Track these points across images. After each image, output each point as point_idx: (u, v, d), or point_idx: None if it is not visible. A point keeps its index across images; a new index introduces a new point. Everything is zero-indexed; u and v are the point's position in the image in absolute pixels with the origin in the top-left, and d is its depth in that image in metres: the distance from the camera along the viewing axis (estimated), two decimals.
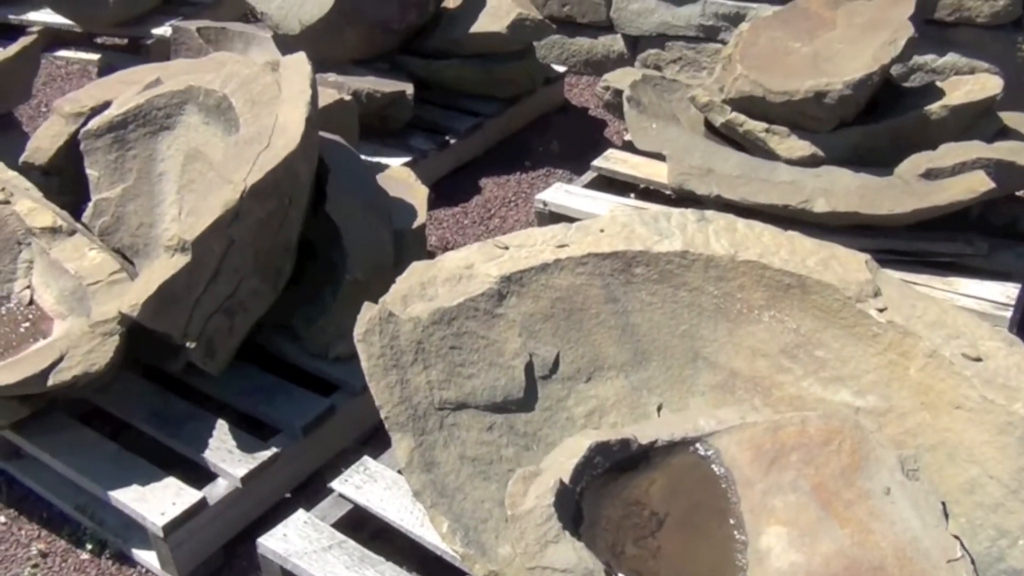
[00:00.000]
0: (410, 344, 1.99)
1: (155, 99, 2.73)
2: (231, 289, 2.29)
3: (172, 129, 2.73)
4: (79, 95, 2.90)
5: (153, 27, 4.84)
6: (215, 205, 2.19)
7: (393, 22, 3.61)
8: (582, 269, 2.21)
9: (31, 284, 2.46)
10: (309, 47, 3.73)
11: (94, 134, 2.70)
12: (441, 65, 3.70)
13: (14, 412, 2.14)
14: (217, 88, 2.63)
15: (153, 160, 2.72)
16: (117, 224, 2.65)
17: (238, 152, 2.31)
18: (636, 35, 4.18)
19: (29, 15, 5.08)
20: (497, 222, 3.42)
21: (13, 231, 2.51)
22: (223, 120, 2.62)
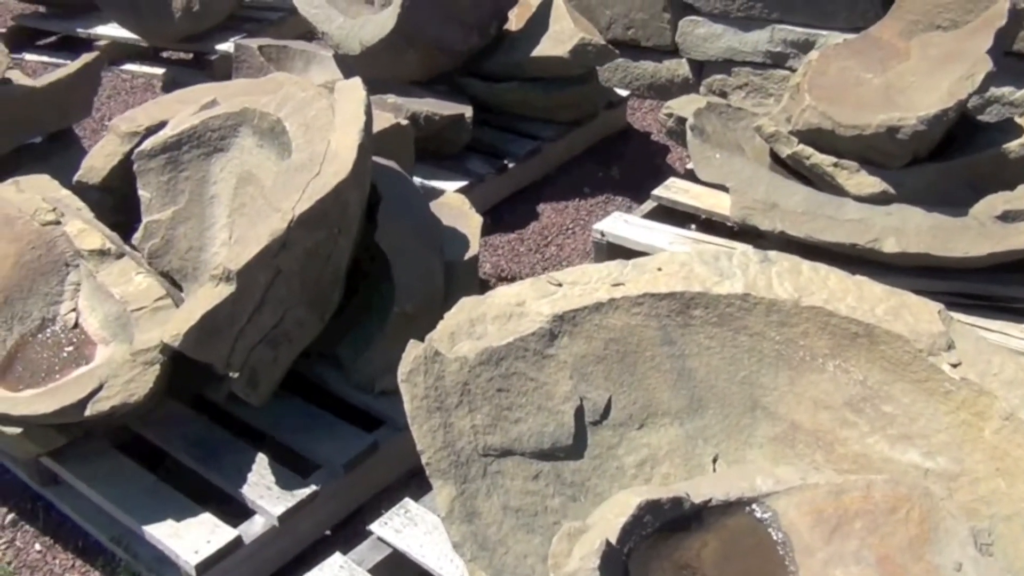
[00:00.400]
0: (455, 385, 1.92)
1: (210, 120, 2.71)
2: (276, 319, 2.24)
3: (226, 151, 2.70)
4: (135, 114, 2.88)
5: (217, 43, 4.86)
6: (262, 234, 2.14)
7: (455, 44, 3.55)
8: (638, 309, 2.12)
9: (77, 307, 2.44)
10: (369, 68, 3.70)
11: (147, 155, 2.68)
12: (501, 88, 3.64)
13: (51, 440, 2.11)
14: (272, 111, 2.59)
15: (205, 182, 2.69)
16: (167, 247, 2.62)
17: (288, 179, 2.26)
18: (702, 60, 4.07)
19: (97, 29, 5.14)
20: (554, 250, 3.34)
21: (62, 252, 2.49)
22: (277, 144, 2.58)
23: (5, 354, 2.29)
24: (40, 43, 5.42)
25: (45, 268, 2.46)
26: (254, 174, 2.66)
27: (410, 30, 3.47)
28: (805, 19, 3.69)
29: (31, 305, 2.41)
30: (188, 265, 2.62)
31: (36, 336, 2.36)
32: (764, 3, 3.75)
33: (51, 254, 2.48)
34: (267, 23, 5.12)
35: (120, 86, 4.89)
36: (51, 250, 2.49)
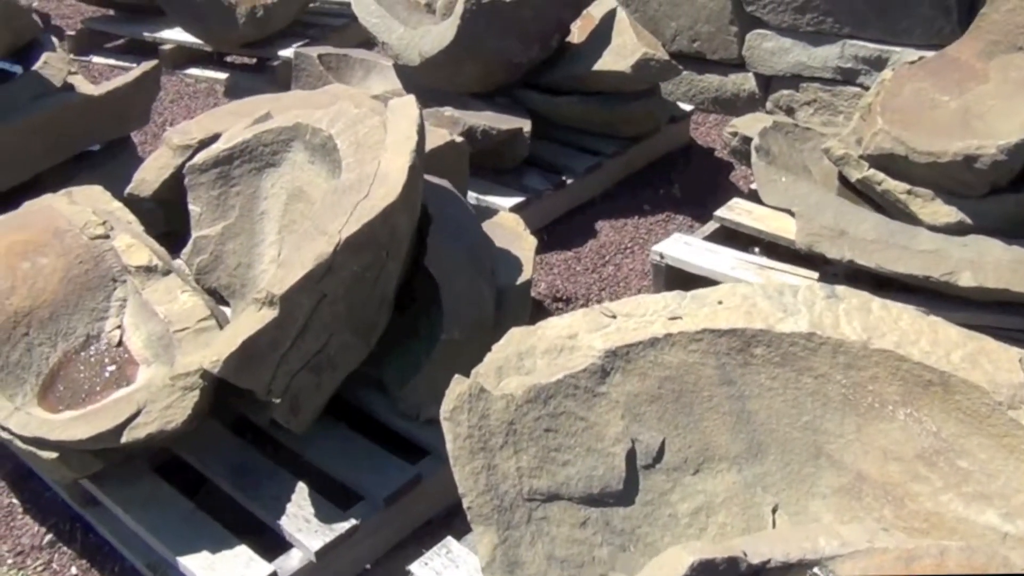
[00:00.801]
0: (501, 425, 1.83)
1: (263, 135, 2.66)
2: (320, 345, 2.18)
3: (277, 166, 2.65)
4: (189, 126, 2.85)
5: (280, 49, 4.84)
6: (307, 258, 2.08)
7: (515, 57, 3.47)
8: (696, 346, 2.01)
9: (122, 324, 2.40)
10: (428, 79, 3.64)
11: (199, 169, 2.64)
12: (561, 101, 3.55)
13: (87, 466, 2.07)
14: (324, 127, 2.54)
15: (256, 198, 2.64)
16: (215, 263, 2.58)
17: (335, 200, 2.20)
18: (769, 74, 3.93)
19: (163, 33, 5.16)
20: (611, 270, 3.24)
21: (109, 267, 2.46)
22: (328, 161, 2.52)
23: (48, 372, 2.26)
24: (108, 46, 5.47)
25: (92, 283, 2.43)
26: (305, 191, 2.60)
27: (470, 42, 3.40)
28: (878, 35, 3.54)
29: (76, 321, 2.38)
30: (236, 282, 2.57)
31: (79, 354, 2.33)
32: (835, 17, 3.61)
33: (98, 269, 2.45)
34: (329, 29, 5.09)
35: (183, 91, 4.90)
36: (99, 265, 2.46)
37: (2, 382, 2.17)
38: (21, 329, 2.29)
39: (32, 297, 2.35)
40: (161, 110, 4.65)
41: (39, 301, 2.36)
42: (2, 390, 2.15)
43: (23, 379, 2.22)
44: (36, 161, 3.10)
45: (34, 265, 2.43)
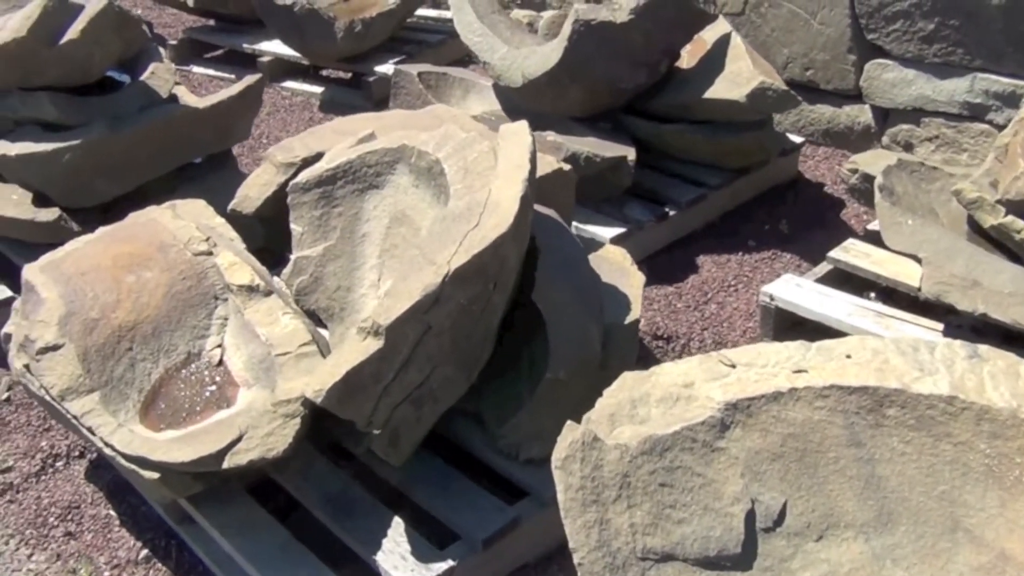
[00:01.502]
0: (614, 477, 1.74)
1: (367, 155, 2.61)
2: (422, 377, 2.10)
3: (380, 189, 2.60)
4: (292, 143, 2.82)
5: (376, 64, 4.82)
6: (414, 288, 2.01)
7: (621, 81, 3.38)
8: (822, 403, 1.88)
9: (223, 343, 2.36)
10: (530, 101, 3.57)
11: (302, 188, 2.60)
12: (667, 129, 3.44)
13: (187, 487, 2.02)
14: (430, 150, 2.47)
15: (358, 220, 2.59)
16: (315, 285, 2.53)
17: (444, 229, 2.13)
18: (887, 107, 3.77)
19: (262, 44, 5.18)
20: (714, 308, 3.12)
21: (212, 284, 2.42)
22: (433, 185, 2.46)
23: (149, 389, 2.23)
24: (207, 56, 5.52)
25: (194, 300, 2.40)
26: (408, 215, 2.54)
27: (576, 65, 3.31)
28: (1014, 68, 3.35)
29: (178, 338, 2.34)
30: (335, 305, 2.52)
31: (180, 371, 2.30)
32: (966, 49, 3.43)
33: (201, 286, 2.42)
34: (426, 46, 5.06)
35: (279, 103, 4.91)
36: (201, 281, 2.42)
37: (106, 397, 2.14)
38: (125, 344, 2.26)
39: (136, 311, 2.33)
40: (257, 122, 4.65)
41: (143, 316, 2.33)
42: (106, 405, 2.12)
43: (126, 395, 2.18)
44: (141, 172, 3.10)
45: (139, 279, 2.40)
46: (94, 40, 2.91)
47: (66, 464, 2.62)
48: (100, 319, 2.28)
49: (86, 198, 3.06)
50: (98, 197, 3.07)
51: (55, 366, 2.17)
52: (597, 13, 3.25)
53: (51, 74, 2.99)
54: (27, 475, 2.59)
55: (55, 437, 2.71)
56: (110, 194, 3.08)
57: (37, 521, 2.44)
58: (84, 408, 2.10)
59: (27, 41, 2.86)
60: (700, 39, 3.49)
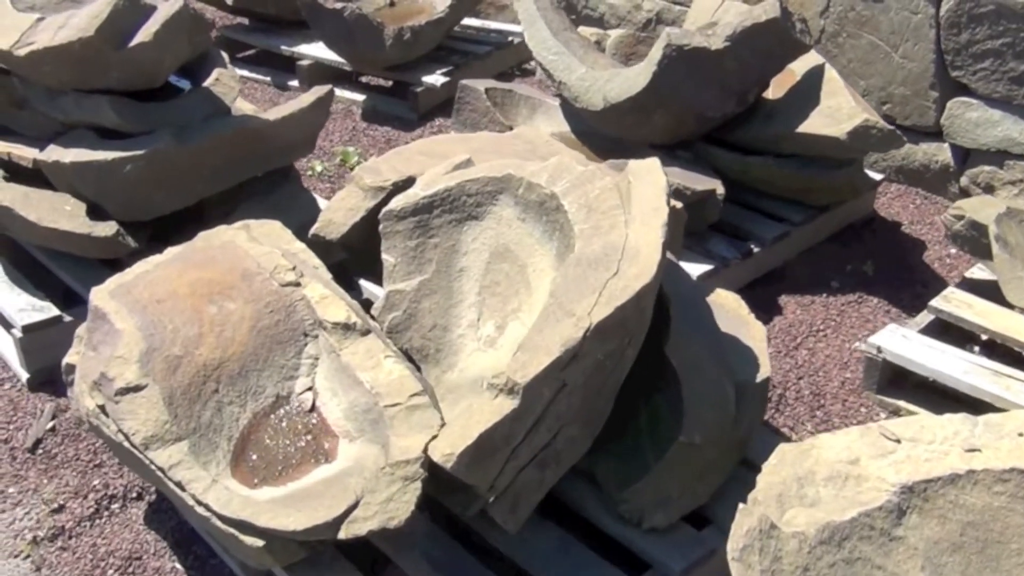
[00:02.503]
0: (795, 570, 1.57)
1: (467, 183, 2.42)
2: (549, 438, 1.92)
3: (480, 220, 2.41)
4: (379, 166, 2.62)
5: (424, 74, 4.62)
6: (552, 342, 1.83)
7: (709, 110, 3.21)
8: (1002, 488, 1.72)
9: (314, 386, 2.16)
10: (608, 126, 3.39)
11: (396, 216, 2.40)
12: (753, 162, 3.27)
13: (292, 554, 1.83)
14: (543, 183, 2.29)
15: (455, 252, 2.40)
16: (409, 322, 2.34)
17: (580, 275, 1.94)
18: (969, 147, 3.62)
19: (301, 47, 4.97)
20: (805, 355, 2.95)
21: (301, 319, 2.22)
22: (545, 221, 2.27)
23: (238, 436, 2.03)
24: (240, 55, 5.30)
25: (283, 336, 2.20)
26: (511, 250, 2.36)
27: (664, 91, 3.14)
28: None
29: (265, 379, 2.14)
30: (430, 345, 2.32)
31: (269, 417, 2.10)
32: None
33: (289, 321, 2.22)
34: (473, 57, 4.87)
35: None
36: (290, 316, 2.22)
37: (195, 446, 1.94)
38: (211, 385, 2.06)
39: (221, 348, 2.12)
40: None
41: (228, 353, 2.13)
42: (195, 456, 1.92)
43: (215, 443, 1.98)
44: (203, 186, 2.89)
45: (221, 310, 2.20)
46: (165, 44, 2.69)
47: (123, 507, 2.41)
48: (184, 356, 2.08)
49: (143, 211, 2.85)
50: (156, 211, 2.86)
51: (138, 410, 1.96)
52: (691, 38, 3.08)
53: (113, 77, 2.78)
54: (80, 518, 2.37)
55: (108, 474, 2.49)
56: (168, 208, 2.87)
57: (95, 573, 2.23)
58: (172, 459, 1.90)
59: (93, 41, 2.64)
60: (789, 69, 3.32)
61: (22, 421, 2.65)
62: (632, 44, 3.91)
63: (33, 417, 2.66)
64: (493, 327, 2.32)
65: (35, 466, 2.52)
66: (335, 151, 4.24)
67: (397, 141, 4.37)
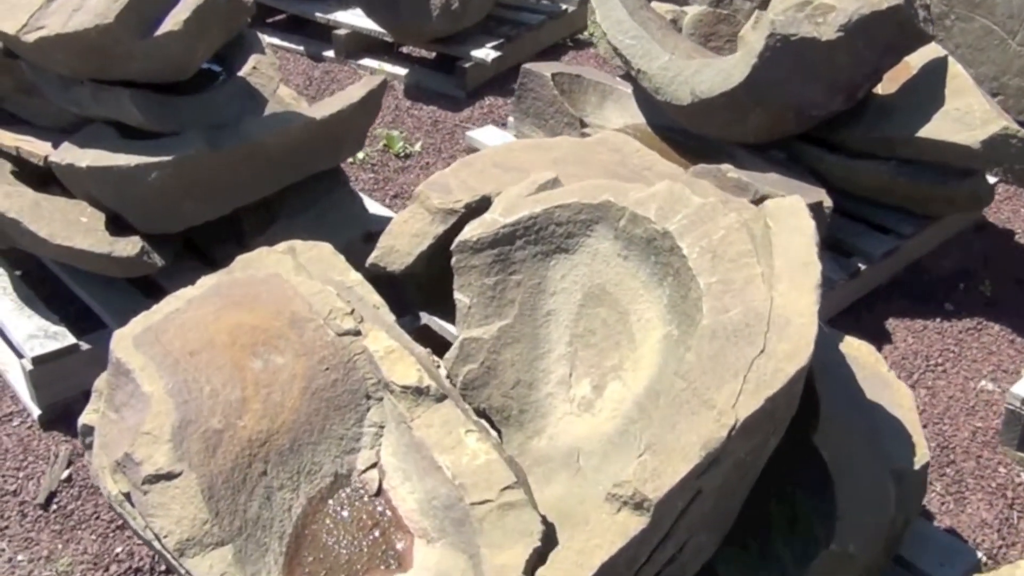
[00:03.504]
0: None
1: (556, 210, 2.04)
2: (676, 550, 1.56)
3: (571, 253, 2.03)
4: (447, 180, 2.24)
5: (473, 48, 4.21)
6: (689, 446, 1.46)
7: (814, 108, 2.80)
8: None
9: (380, 461, 1.81)
10: (694, 122, 2.99)
11: (473, 247, 2.03)
12: (861, 167, 2.88)
13: None
14: (653, 216, 1.90)
15: (541, 292, 2.03)
16: (487, 376, 1.98)
17: (718, 352, 1.57)
18: None
19: (336, 15, 4.56)
20: (924, 395, 2.58)
21: (362, 379, 1.86)
22: (653, 263, 1.90)
23: (292, 532, 1.68)
24: (269, 20, 4.89)
25: (341, 400, 1.84)
26: (609, 293, 1.99)
27: (764, 86, 2.74)
28: None
29: (322, 454, 1.79)
30: (513, 405, 1.97)
31: (327, 502, 1.74)
32: None
33: (348, 380, 1.86)
34: (525, 28, 4.45)
35: None
36: (349, 374, 1.86)
37: (241, 551, 1.59)
38: (258, 466, 1.71)
39: (269, 416, 1.77)
40: None
41: (277, 423, 1.77)
42: (241, 564, 1.57)
43: (265, 545, 1.63)
44: (240, 194, 2.51)
45: (267, 366, 1.84)
46: (197, 33, 2.30)
47: None
48: (225, 430, 1.72)
49: (170, 223, 2.48)
50: (185, 222, 2.49)
51: (171, 504, 1.61)
52: (798, 27, 2.66)
53: (136, 68, 2.39)
54: None
55: (133, 539, 2.16)
56: (199, 219, 2.50)
57: None
58: (214, 570, 1.55)
59: (113, 29, 2.25)
60: (905, 62, 2.90)
61: (34, 467, 2.31)
62: (712, 23, 3.49)
63: (46, 462, 2.32)
64: (589, 386, 1.96)
65: (48, 527, 2.18)
66: (377, 134, 3.84)
67: (444, 123, 3.98)
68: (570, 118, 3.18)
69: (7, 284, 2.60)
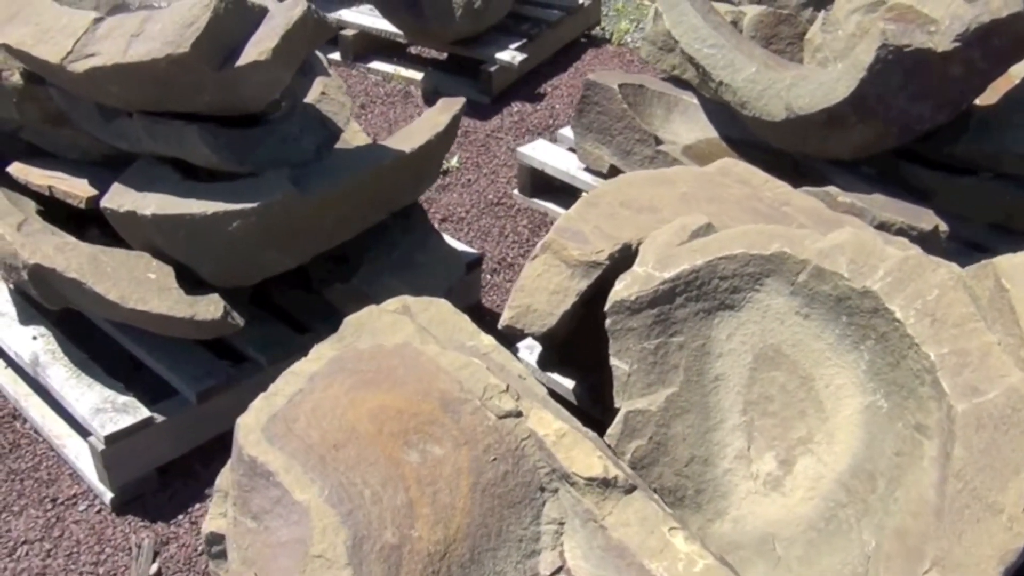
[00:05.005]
0: None
1: (720, 263, 1.83)
2: None
3: (736, 310, 1.83)
4: (580, 227, 2.01)
5: (496, 49, 3.96)
6: (983, 557, 1.27)
7: (919, 122, 2.63)
8: None
9: (566, 565, 1.59)
10: (785, 138, 2.80)
11: (630, 308, 1.81)
12: (965, 184, 2.72)
13: None
14: (844, 271, 1.71)
15: (707, 355, 1.82)
16: (657, 453, 1.77)
17: (990, 446, 1.38)
18: None
19: (341, 13, 4.26)
20: None
21: (534, 467, 1.63)
22: (846, 323, 1.71)
23: None
24: None
25: (514, 495, 1.61)
26: (786, 355, 1.79)
27: (871, 101, 2.56)
28: None
29: (503, 560, 1.56)
30: (688, 485, 1.76)
31: None
32: None
33: (519, 472, 1.63)
34: (545, 25, 4.21)
35: (372, 92, 4.01)
36: (519, 465, 1.63)
37: None
38: None
39: (443, 522, 1.53)
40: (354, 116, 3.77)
41: (452, 529, 1.53)
42: None
43: None
44: (323, 240, 2.24)
45: (425, 458, 1.60)
46: (285, 61, 2.02)
47: None
48: (402, 546, 1.48)
49: (248, 275, 2.21)
50: (263, 273, 2.22)
51: None
52: (911, 37, 2.48)
53: (204, 101, 2.11)
54: None
55: None
56: (279, 269, 2.23)
57: None
58: None
59: (188, 60, 1.96)
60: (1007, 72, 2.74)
61: (113, 561, 2.03)
62: (772, 24, 3.29)
63: (126, 554, 2.05)
64: (774, 461, 1.76)
65: None
66: None
67: (475, 133, 3.73)
68: (641, 134, 2.96)
69: (55, 347, 2.30)
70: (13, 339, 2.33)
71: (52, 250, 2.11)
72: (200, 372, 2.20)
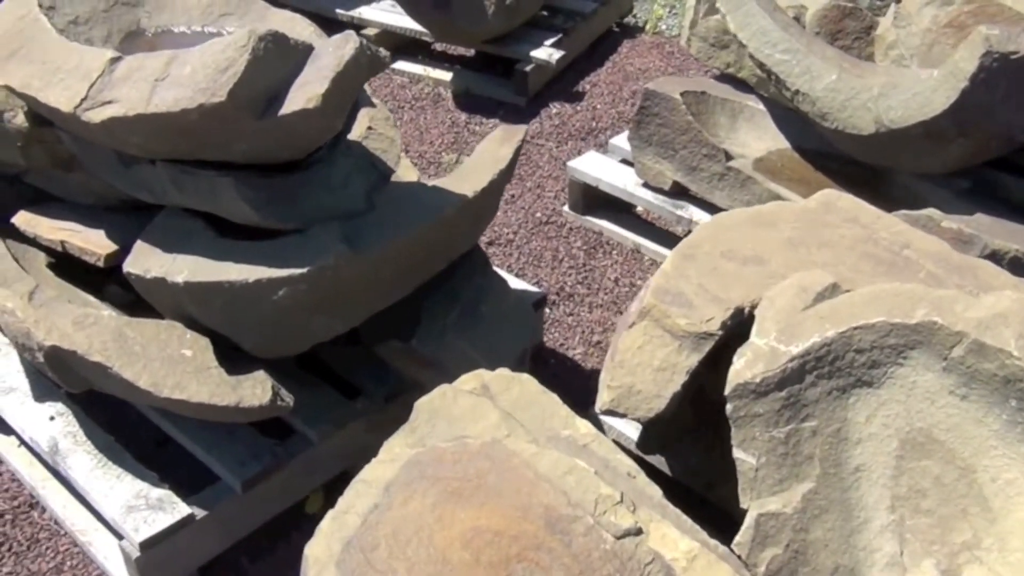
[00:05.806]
0: None
1: (855, 334, 1.58)
2: None
3: (875, 387, 1.58)
4: (679, 286, 1.74)
5: (531, 47, 3.68)
6: None
7: (1020, 134, 2.37)
8: None
9: None
10: (872, 152, 2.53)
11: (755, 391, 1.56)
12: None
13: None
14: (1013, 349, 1.45)
15: (843, 441, 1.57)
16: (796, 563, 1.52)
17: None
18: None
19: (361, 11, 3.97)
20: None
21: None
22: (1015, 408, 1.45)
23: None
24: None
25: None
26: (938, 440, 1.55)
27: (973, 112, 2.29)
28: None
29: None
30: None
31: None
32: None
33: None
34: (579, 17, 3.92)
35: (399, 95, 3.73)
36: None
37: None
38: None
39: None
40: None
41: None
42: None
43: None
44: (378, 300, 1.97)
45: None
46: (336, 105, 1.75)
47: None
48: None
49: (294, 344, 1.95)
50: (311, 341, 1.96)
51: None
52: (1018, 43, 2.21)
53: (239, 150, 1.83)
54: None
55: None
56: (329, 335, 1.97)
57: None
58: None
59: (224, 109, 1.69)
60: None
61: None
62: (838, 18, 3.00)
63: None
64: (934, 570, 1.51)
65: None
66: (441, 160, 3.31)
67: None
68: (709, 148, 2.69)
69: (76, 428, 2.04)
70: (28, 421, 2.07)
71: (71, 327, 1.85)
72: (244, 455, 1.95)
